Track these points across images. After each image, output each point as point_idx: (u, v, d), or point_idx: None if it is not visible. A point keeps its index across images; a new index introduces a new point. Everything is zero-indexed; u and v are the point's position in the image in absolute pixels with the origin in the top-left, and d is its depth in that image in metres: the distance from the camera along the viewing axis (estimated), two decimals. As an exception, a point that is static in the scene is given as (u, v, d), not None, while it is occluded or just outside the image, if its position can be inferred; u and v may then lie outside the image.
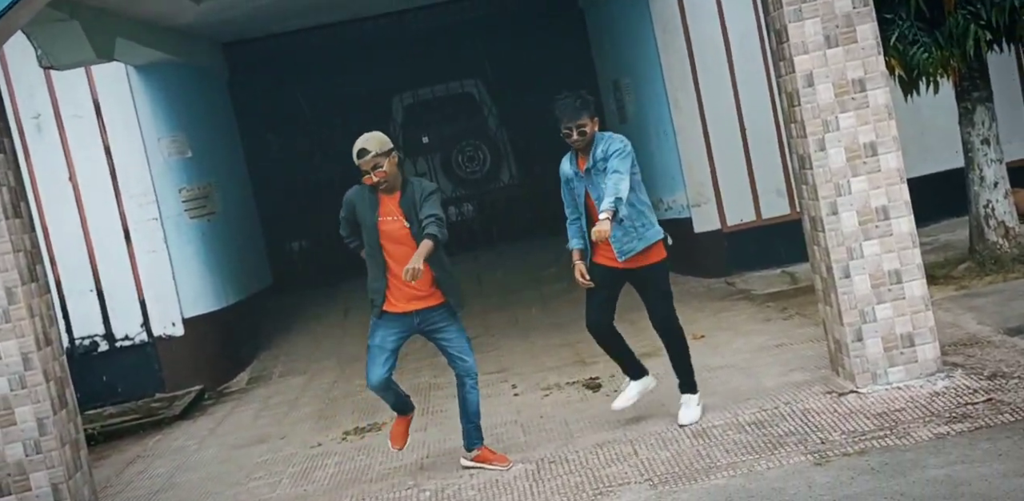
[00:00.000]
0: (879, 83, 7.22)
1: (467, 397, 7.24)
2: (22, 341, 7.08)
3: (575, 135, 7.04)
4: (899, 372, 7.27)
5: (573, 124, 7.03)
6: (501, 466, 7.18)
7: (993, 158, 9.96)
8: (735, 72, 12.33)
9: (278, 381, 11.74)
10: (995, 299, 8.75)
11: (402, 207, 6.96)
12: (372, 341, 7.12)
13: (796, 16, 7.19)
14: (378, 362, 7.08)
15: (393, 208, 6.97)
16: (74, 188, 11.63)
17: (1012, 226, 9.92)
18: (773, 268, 12.00)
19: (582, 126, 7.02)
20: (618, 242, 7.07)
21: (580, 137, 7.05)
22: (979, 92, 9.95)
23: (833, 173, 7.23)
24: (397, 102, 18.23)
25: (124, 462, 9.41)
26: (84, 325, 11.84)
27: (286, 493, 7.76)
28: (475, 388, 7.23)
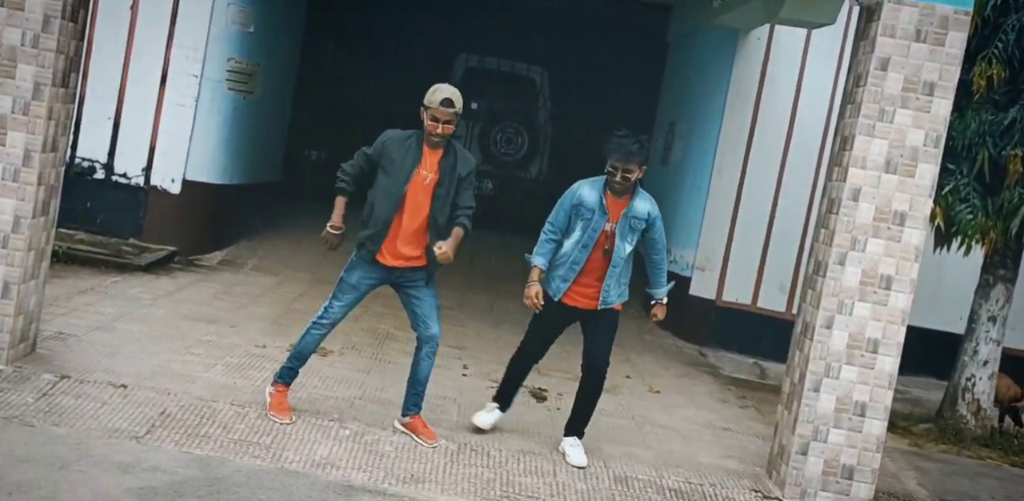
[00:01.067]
0: (919, 224, 7.24)
1: (420, 362, 7.19)
2: (30, 138, 7.12)
3: (619, 177, 7.01)
4: (828, 498, 7.31)
5: (621, 166, 6.98)
6: (426, 441, 7.13)
7: (993, 337, 10.03)
8: (788, 155, 12.37)
9: (248, 273, 11.75)
10: (942, 468, 8.82)
11: (442, 166, 6.90)
12: (348, 278, 7.07)
13: (867, 131, 7.20)
14: (348, 299, 7.08)
15: (433, 165, 6.90)
16: (132, 17, 11.71)
17: (985, 407, 10.00)
18: (748, 356, 12.06)
19: (629, 172, 7.00)
20: (607, 292, 7.18)
21: (623, 181, 7.02)
22: (1005, 271, 9.99)
23: (842, 290, 7.26)
24: (461, 60, 18.22)
25: (77, 289, 9.42)
26: (90, 149, 11.90)
27: (216, 378, 7.78)
28: (430, 356, 7.18)
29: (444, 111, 6.77)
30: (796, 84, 12.34)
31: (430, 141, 6.88)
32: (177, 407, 7.00)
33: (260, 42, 12.84)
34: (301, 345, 7.17)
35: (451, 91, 6.85)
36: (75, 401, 6.78)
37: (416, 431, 7.21)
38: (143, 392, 7.15)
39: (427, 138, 6.89)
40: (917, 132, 7.20)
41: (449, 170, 6.89)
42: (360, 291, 7.06)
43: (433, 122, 6.79)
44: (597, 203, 7.10)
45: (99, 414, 6.65)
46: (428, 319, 7.08)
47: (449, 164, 6.90)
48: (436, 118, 6.78)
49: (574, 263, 7.14)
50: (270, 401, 7.17)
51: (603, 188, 7.13)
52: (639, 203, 7.14)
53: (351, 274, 7.05)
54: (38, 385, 6.95)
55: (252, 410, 7.19)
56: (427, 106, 6.82)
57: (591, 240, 7.09)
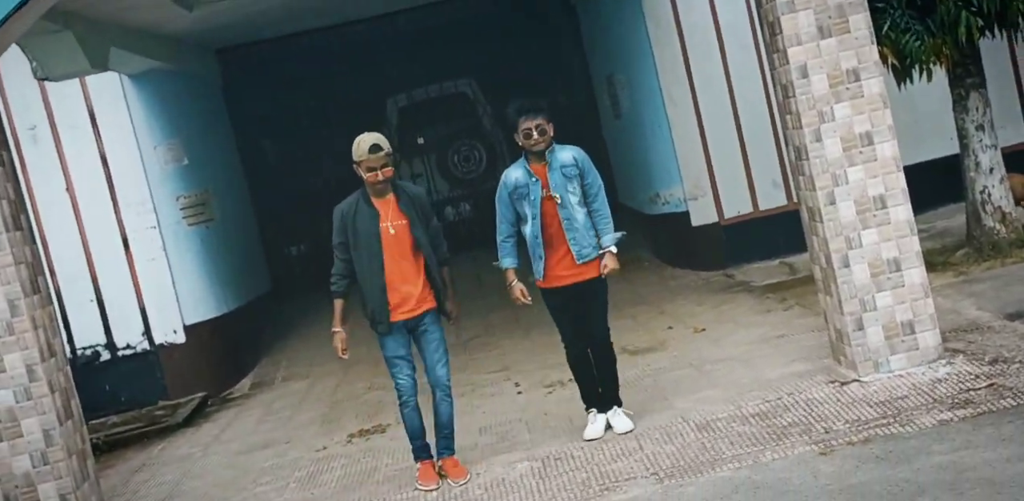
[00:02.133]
0: (873, 72, 7.22)
1: (437, 407, 7.25)
2: (26, 353, 7.09)
3: (535, 134, 7.08)
4: (901, 360, 7.27)
5: (532, 123, 7.07)
6: (455, 480, 7.14)
7: (988, 144, 9.97)
8: (728, 65, 12.34)
9: (281, 386, 11.75)
10: (994, 284, 8.76)
11: (403, 210, 7.00)
12: (388, 352, 7.18)
13: (789, 8, 7.19)
14: (403, 367, 7.18)
15: (394, 212, 6.99)
16: (71, 198, 11.64)
17: (1008, 211, 9.93)
18: (772, 259, 12.01)
19: (540, 126, 7.08)
20: (577, 244, 7.19)
21: (541, 136, 7.09)
22: (972, 78, 9.96)
23: (830, 163, 7.24)
24: (392, 104, 18.23)
25: (130, 471, 9.42)
26: (86, 335, 11.85)
27: (293, 497, 7.77)
28: (445, 399, 7.23)
29: (376, 157, 6.86)
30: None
31: (376, 191, 6.97)
32: (270, 540, 7.00)
33: (200, 170, 12.88)
34: (407, 427, 7.30)
35: (373, 137, 6.94)
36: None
37: (447, 471, 7.23)
38: (233, 539, 7.15)
39: (371, 190, 6.99)
40: (835, -12, 7.20)
41: (409, 209, 7.01)
42: (404, 354, 7.17)
43: (371, 172, 6.89)
44: (526, 176, 7.17)
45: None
46: (435, 363, 7.20)
47: (406, 205, 7.01)
48: (372, 167, 6.87)
49: (535, 236, 7.19)
50: (417, 476, 7.28)
51: (525, 162, 7.24)
52: (560, 154, 7.19)
53: (387, 348, 7.18)
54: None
55: (340, 511, 7.20)
56: (359, 161, 6.91)
57: (538, 209, 7.14)
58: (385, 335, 7.12)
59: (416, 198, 7.12)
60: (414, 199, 7.08)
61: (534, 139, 7.10)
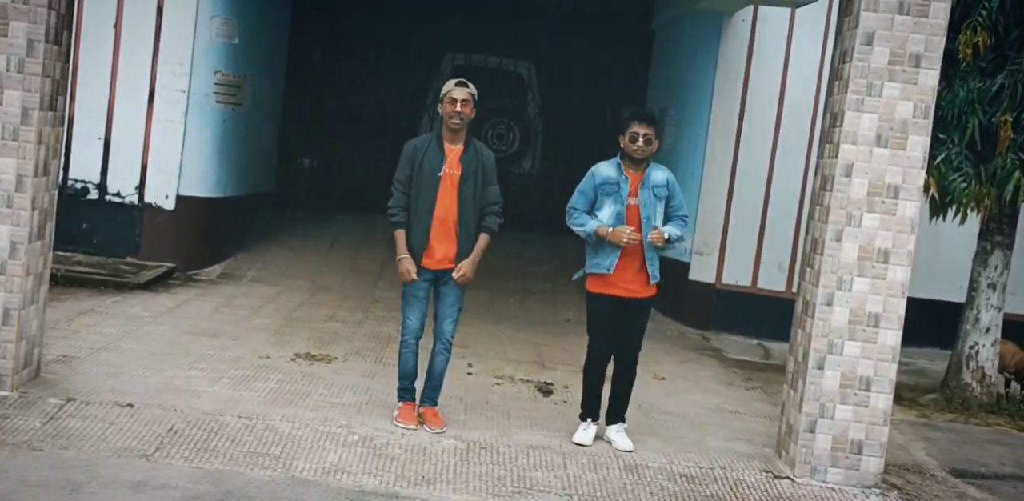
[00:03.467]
0: (913, 196, 7.25)
1: (434, 359, 7.48)
2: (21, 163, 7.14)
3: (641, 141, 7.13)
4: (839, 474, 7.35)
5: (643, 129, 7.13)
6: (432, 428, 7.38)
7: (994, 304, 10.06)
8: (779, 136, 12.46)
9: (248, 285, 11.79)
10: (950, 437, 8.86)
11: (463, 162, 7.13)
12: (408, 289, 7.35)
13: (856, 106, 7.22)
14: (416, 308, 7.35)
15: (455, 162, 7.13)
16: (116, 37, 11.72)
17: (990, 374, 10.03)
18: (751, 337, 12.12)
19: (649, 135, 7.14)
20: (653, 265, 7.36)
21: (645, 146, 7.14)
22: (1002, 237, 10.03)
23: (840, 266, 7.28)
24: (448, 59, 18.19)
25: (77, 311, 9.45)
26: (82, 170, 11.93)
27: (222, 392, 7.81)
28: (444, 353, 7.44)
29: (460, 90, 7.07)
30: (783, 64, 12.38)
31: (451, 133, 7.12)
32: (185, 423, 7.02)
33: (246, 53, 12.86)
34: (401, 368, 7.50)
35: (462, 79, 7.20)
36: (82, 423, 6.81)
37: (426, 419, 7.45)
38: (150, 410, 7.18)
39: (447, 129, 7.13)
40: (906, 104, 7.21)
41: (471, 164, 7.13)
42: (421, 297, 7.33)
43: (451, 104, 7.05)
44: (618, 173, 7.22)
45: (107, 435, 6.67)
46: (444, 317, 7.39)
47: (470, 159, 7.14)
48: (454, 99, 7.05)
49: None
50: (396, 413, 7.51)
51: (619, 162, 7.26)
52: (654, 173, 7.28)
53: (408, 285, 7.31)
54: (44, 409, 6.98)
55: (259, 422, 7.22)
56: (443, 94, 7.11)
57: (623, 207, 7.21)
58: None
59: (483, 156, 7.22)
60: (480, 156, 7.20)
61: (638, 145, 7.16)
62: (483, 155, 7.23)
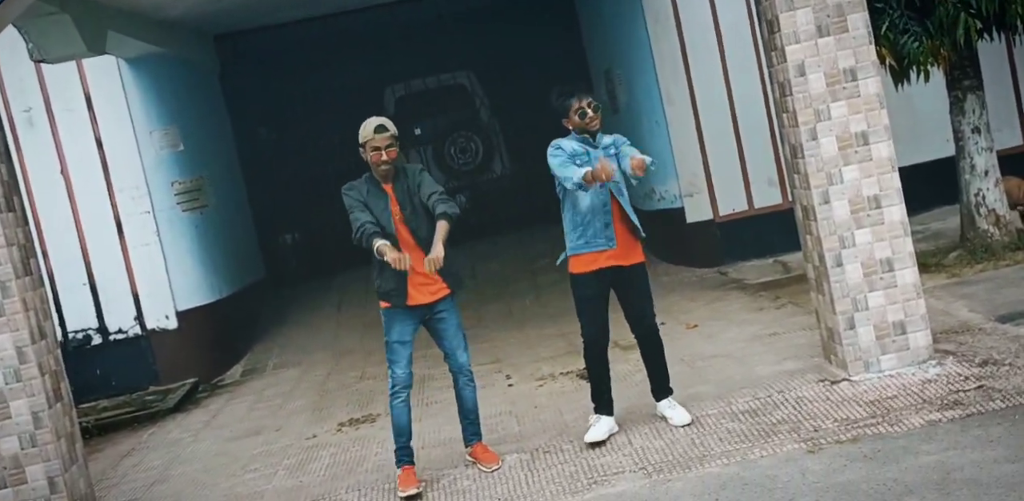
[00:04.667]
0: (870, 72, 7.23)
1: (461, 394, 7.16)
2: (16, 335, 7.09)
3: (590, 111, 6.89)
4: (891, 360, 7.30)
5: (587, 102, 6.90)
6: (487, 466, 7.06)
7: (984, 146, 9.98)
8: (727, 62, 12.36)
9: (272, 373, 11.76)
10: (986, 287, 8.78)
11: (396, 194, 6.87)
12: (391, 337, 6.98)
13: (788, 5, 7.19)
14: (403, 356, 6.96)
15: (394, 199, 6.88)
16: (66, 181, 11.64)
17: (1003, 214, 9.95)
18: (766, 257, 12.04)
19: (593, 103, 6.92)
20: (633, 216, 7.01)
21: (595, 114, 6.92)
22: (969, 80, 9.97)
23: (825, 162, 7.25)
24: (389, 94, 18.22)
25: (119, 455, 9.43)
26: (77, 318, 11.86)
27: (282, 484, 7.78)
28: (469, 385, 7.14)
29: (381, 137, 6.79)
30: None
31: (381, 173, 6.88)
32: (256, 526, 7.01)
33: (195, 156, 12.86)
34: (394, 424, 7.07)
35: (379, 119, 6.88)
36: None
37: (477, 458, 7.16)
38: (220, 525, 7.16)
39: (377, 174, 6.90)
40: (835, -13, 7.19)
41: (403, 192, 6.87)
42: (407, 344, 6.98)
43: (376, 152, 6.80)
44: (582, 145, 6.96)
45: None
46: (455, 349, 7.07)
47: (402, 187, 6.88)
48: (376, 147, 6.79)
49: (602, 205, 6.93)
50: (397, 481, 7.04)
51: (575, 137, 7.03)
52: (604, 138, 7.03)
53: (392, 331, 6.97)
54: (121, 559, 6.97)
55: (327, 499, 7.19)
56: (364, 143, 6.84)
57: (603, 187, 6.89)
58: (395, 313, 6.92)
59: (408, 176, 6.91)
60: (410, 180, 6.89)
61: (590, 116, 6.92)
62: (407, 175, 6.94)
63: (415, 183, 6.89)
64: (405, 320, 6.94)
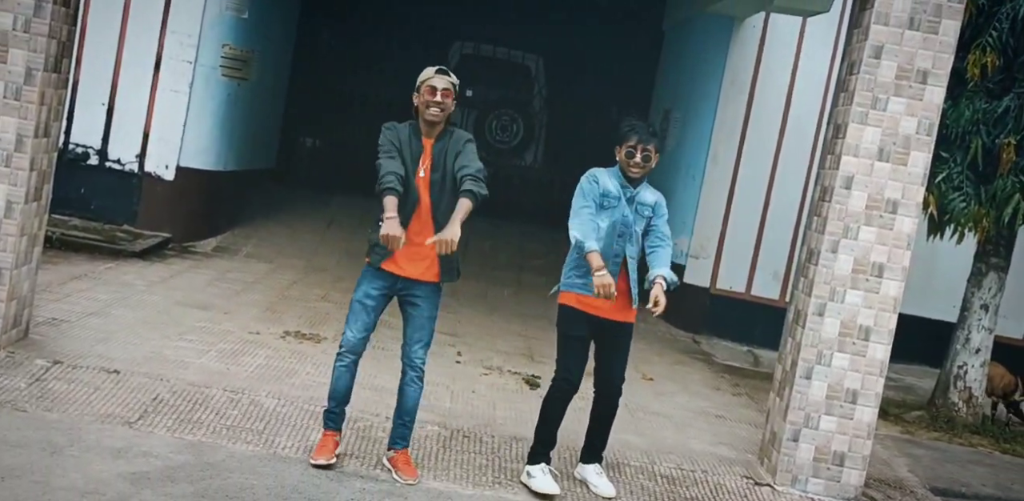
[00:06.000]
0: (911, 211, 7.24)
1: (404, 390, 6.43)
2: (22, 123, 7.11)
3: (639, 157, 6.42)
4: (819, 485, 7.34)
5: (642, 146, 6.42)
6: (404, 479, 6.31)
7: (986, 325, 10.04)
8: (783, 143, 12.44)
9: (242, 260, 11.76)
10: (933, 455, 8.85)
11: (434, 153, 6.19)
12: (355, 295, 6.34)
13: (860, 118, 7.21)
14: (360, 319, 6.30)
15: (428, 155, 6.20)
16: (125, 2, 11.63)
17: (977, 395, 10.02)
18: (742, 343, 12.12)
19: (648, 151, 6.44)
20: (635, 289, 6.58)
21: (644, 162, 6.44)
22: (998, 259, 10.01)
23: (834, 277, 7.27)
24: (457, 48, 18.22)
25: (70, 275, 9.42)
26: (84, 134, 11.89)
27: (209, 364, 7.79)
28: (414, 382, 6.41)
29: (440, 78, 6.16)
30: (791, 72, 12.36)
31: (428, 119, 6.16)
32: (170, 393, 7.00)
33: (255, 28, 12.82)
34: (332, 385, 6.41)
35: (442, 67, 6.30)
36: (68, 386, 6.79)
37: (396, 467, 6.40)
38: (136, 378, 7.15)
39: (423, 122, 6.19)
40: (910, 120, 7.20)
41: (440, 154, 6.17)
42: (369, 308, 6.29)
43: (431, 92, 6.13)
44: (619, 188, 6.49)
45: (92, 399, 6.65)
46: (415, 341, 6.36)
47: (441, 148, 6.19)
48: (433, 87, 6.13)
49: (615, 256, 6.47)
50: (316, 444, 6.48)
51: (617, 173, 6.54)
52: (646, 193, 6.56)
53: (358, 290, 6.32)
54: (31, 370, 6.95)
55: (244, 396, 7.20)
56: (421, 83, 6.18)
57: (627, 229, 6.46)
58: (368, 272, 6.32)
59: (457, 142, 6.21)
60: (454, 143, 6.20)
61: (635, 161, 6.44)
62: (455, 139, 6.22)
63: (455, 149, 6.19)
64: (375, 282, 6.29)
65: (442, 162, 6.16)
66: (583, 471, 6.89)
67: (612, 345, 6.66)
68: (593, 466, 6.87)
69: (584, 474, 6.87)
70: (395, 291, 6.33)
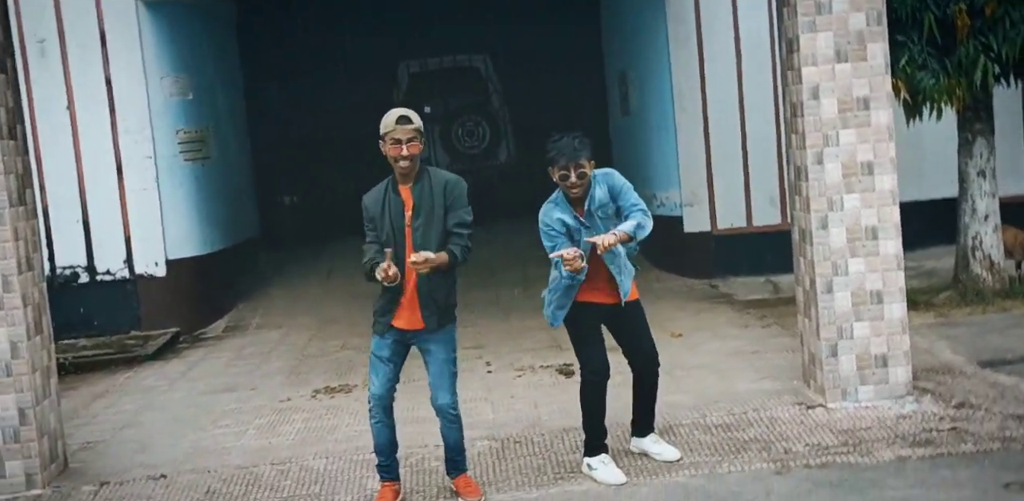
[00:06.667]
0: (883, 103, 7.26)
1: (444, 432, 6.47)
2: (4, 263, 7.10)
3: (574, 177, 6.24)
4: (869, 391, 7.37)
5: (573, 164, 6.21)
6: (468, 499, 6.41)
7: (987, 191, 10.04)
8: (743, 75, 12.41)
9: (254, 332, 11.79)
10: (972, 330, 8.86)
11: (413, 198, 6.13)
12: (374, 350, 6.41)
13: (809, 27, 7.22)
14: (380, 372, 6.37)
15: (409, 203, 6.14)
16: (71, 117, 11.64)
17: (997, 260, 10.02)
18: (758, 275, 12.10)
19: (581, 168, 6.24)
20: (624, 285, 6.49)
21: (579, 180, 6.25)
22: (981, 124, 10.01)
23: (827, 188, 7.29)
24: (403, 68, 18.23)
25: (92, 395, 9.47)
26: (67, 255, 11.87)
27: (250, 443, 7.82)
28: (451, 426, 6.42)
29: (403, 129, 6.07)
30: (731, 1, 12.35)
31: (400, 171, 6.13)
32: (220, 482, 7.04)
33: (203, 106, 12.86)
34: (374, 440, 6.48)
35: (403, 110, 6.20)
36: (122, 504, 6.84)
37: (459, 491, 6.50)
38: (184, 476, 7.19)
39: (398, 173, 6.16)
40: (857, 15, 7.22)
41: (420, 197, 6.11)
42: (386, 360, 6.35)
43: (396, 146, 6.07)
44: (575, 220, 6.35)
45: (148, 510, 6.70)
46: (436, 388, 6.36)
47: (420, 191, 6.13)
48: (398, 140, 6.07)
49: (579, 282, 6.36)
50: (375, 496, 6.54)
51: (565, 203, 6.39)
52: (596, 192, 6.37)
53: (373, 345, 6.41)
54: (80, 499, 6.99)
55: (293, 464, 7.24)
56: (384, 134, 6.12)
57: (588, 255, 6.24)
58: (379, 335, 6.37)
59: (438, 186, 6.13)
60: (434, 187, 6.12)
61: (572, 182, 6.27)
62: (435, 182, 6.16)
63: (443, 195, 6.12)
64: (386, 338, 6.34)
65: (422, 205, 6.11)
66: (640, 444, 6.92)
67: (629, 324, 6.65)
68: (649, 437, 6.90)
69: (642, 446, 6.91)
70: (407, 341, 6.38)
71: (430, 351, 6.35)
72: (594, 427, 6.68)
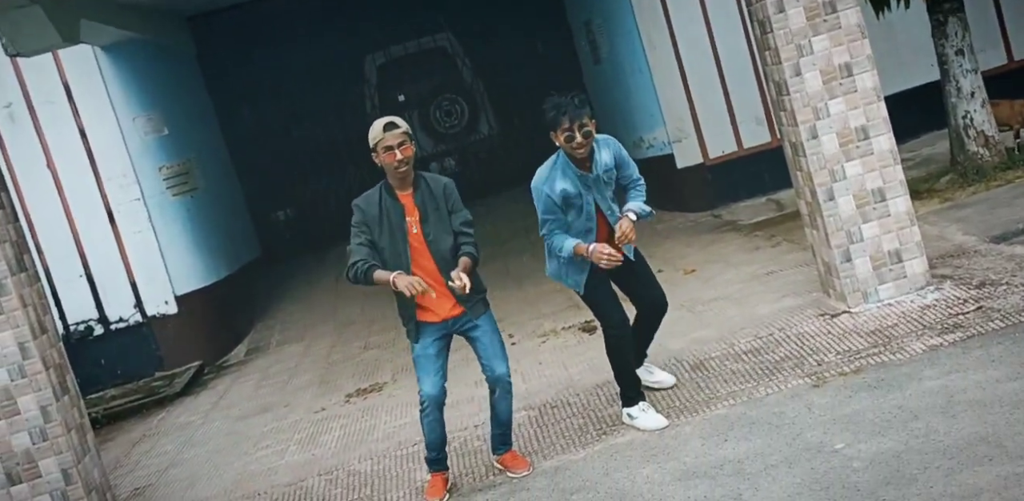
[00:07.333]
0: (850, 3, 7.18)
1: (497, 404, 6.45)
2: (17, 331, 7.05)
3: (579, 137, 6.10)
4: (889, 289, 7.29)
5: (577, 124, 6.09)
6: (516, 472, 6.43)
7: (968, 68, 9.92)
8: (706, 3, 12.24)
9: (276, 350, 11.75)
10: (979, 209, 8.76)
11: (417, 206, 6.14)
12: (414, 350, 6.36)
13: None
14: (429, 371, 6.30)
15: (411, 207, 6.15)
16: (53, 174, 11.56)
17: (991, 135, 9.91)
18: (759, 197, 12.01)
19: (585, 126, 6.11)
20: (627, 247, 6.44)
21: (585, 140, 6.11)
22: (950, 3, 9.89)
23: (810, 97, 7.21)
24: (370, 62, 18.11)
25: (130, 442, 9.45)
26: (77, 310, 11.82)
27: (295, 459, 7.79)
28: (506, 396, 6.41)
29: (392, 135, 6.03)
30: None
31: (398, 177, 6.12)
32: (272, 502, 7.03)
33: (180, 139, 12.80)
34: (426, 438, 6.45)
35: (387, 118, 6.16)
36: (179, 543, 6.82)
37: (507, 466, 6.50)
38: (235, 504, 7.18)
39: (393, 180, 6.16)
40: (807, -81, 7.13)
41: (423, 204, 6.14)
42: (433, 357, 6.31)
43: (389, 152, 6.03)
44: (578, 184, 6.25)
45: (206, 544, 6.68)
46: (491, 359, 6.36)
47: (421, 198, 6.15)
48: (390, 146, 6.02)
49: (588, 232, 6.35)
50: (426, 486, 6.54)
51: (567, 167, 6.27)
52: (602, 156, 6.30)
53: (414, 347, 6.34)
54: (138, 545, 6.99)
55: (340, 471, 7.22)
56: (375, 145, 6.08)
57: (594, 222, 6.33)
58: (414, 341, 6.34)
59: (435, 187, 6.18)
60: (433, 190, 6.16)
61: (578, 142, 6.13)
62: (434, 186, 6.19)
63: (445, 196, 6.17)
64: (427, 336, 6.29)
65: (428, 210, 6.14)
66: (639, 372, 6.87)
67: (635, 274, 6.62)
68: (643, 367, 6.94)
69: (649, 376, 6.96)
70: (451, 331, 6.36)
71: (477, 327, 6.34)
72: (626, 378, 6.63)
